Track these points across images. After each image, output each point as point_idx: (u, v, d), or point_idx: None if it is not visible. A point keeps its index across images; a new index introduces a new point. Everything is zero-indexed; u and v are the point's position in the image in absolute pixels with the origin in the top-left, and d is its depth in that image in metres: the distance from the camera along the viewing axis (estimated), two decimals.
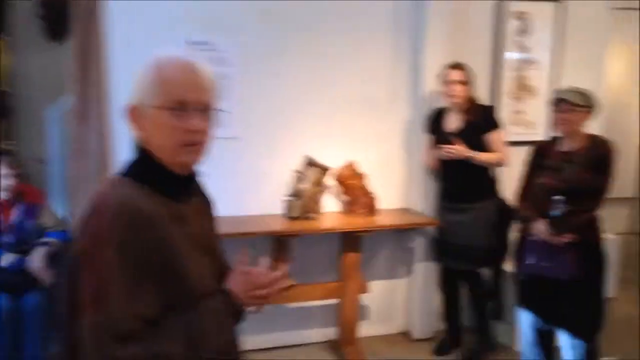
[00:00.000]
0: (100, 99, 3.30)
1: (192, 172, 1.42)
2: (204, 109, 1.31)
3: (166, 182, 1.33)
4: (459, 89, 3.58)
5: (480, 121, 3.61)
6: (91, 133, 3.33)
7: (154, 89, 1.27)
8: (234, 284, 1.37)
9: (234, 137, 3.60)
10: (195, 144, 1.31)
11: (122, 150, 3.43)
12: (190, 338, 1.23)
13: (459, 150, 3.56)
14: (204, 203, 1.52)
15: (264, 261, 1.47)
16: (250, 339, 3.84)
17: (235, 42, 3.59)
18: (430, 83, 3.85)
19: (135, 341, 1.16)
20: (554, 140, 3.16)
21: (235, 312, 1.36)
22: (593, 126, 3.16)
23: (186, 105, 1.28)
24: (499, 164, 3.65)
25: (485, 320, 3.89)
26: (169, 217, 1.30)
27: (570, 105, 2.95)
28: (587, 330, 3.05)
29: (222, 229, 3.30)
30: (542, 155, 3.15)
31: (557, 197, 2.93)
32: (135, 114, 1.32)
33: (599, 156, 2.96)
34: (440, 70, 3.72)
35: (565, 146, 3.06)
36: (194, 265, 1.32)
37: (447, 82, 3.62)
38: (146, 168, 1.33)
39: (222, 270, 1.45)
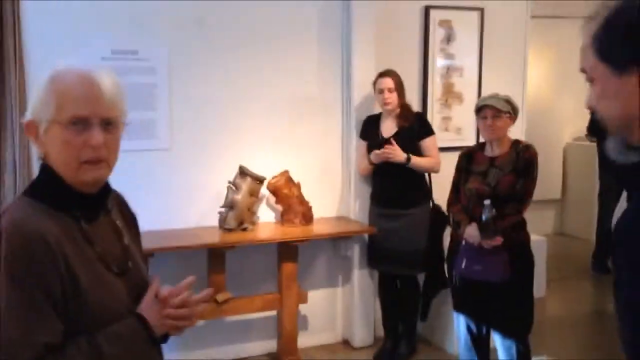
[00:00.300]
0: (19, 109, 3.15)
1: (104, 189, 1.34)
2: (107, 123, 1.26)
3: (70, 201, 1.26)
4: (391, 97, 3.65)
5: (414, 127, 3.69)
6: (7, 144, 3.17)
7: (50, 102, 1.21)
8: (145, 307, 1.30)
9: (164, 149, 3.52)
10: (97, 161, 1.25)
11: None
12: None
13: (395, 151, 3.60)
14: (124, 219, 1.45)
15: (187, 280, 1.41)
16: (187, 354, 3.75)
17: (163, 50, 3.53)
18: (361, 90, 3.90)
19: None
20: (481, 146, 3.25)
21: (147, 337, 1.28)
22: (517, 131, 3.29)
23: (84, 120, 1.22)
24: (433, 169, 3.72)
25: (415, 324, 3.94)
26: (72, 238, 1.23)
27: (495, 111, 3.04)
28: (519, 330, 3.13)
29: (155, 243, 3.28)
30: (470, 161, 3.22)
31: (485, 202, 3.00)
32: (33, 129, 1.25)
33: (522, 161, 3.05)
34: (373, 78, 3.79)
35: (491, 152, 3.15)
36: (102, 287, 1.25)
37: (379, 90, 3.68)
38: (48, 187, 1.26)
39: (142, 290, 1.36)
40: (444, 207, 3.91)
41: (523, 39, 4.41)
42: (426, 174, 3.81)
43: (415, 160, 3.64)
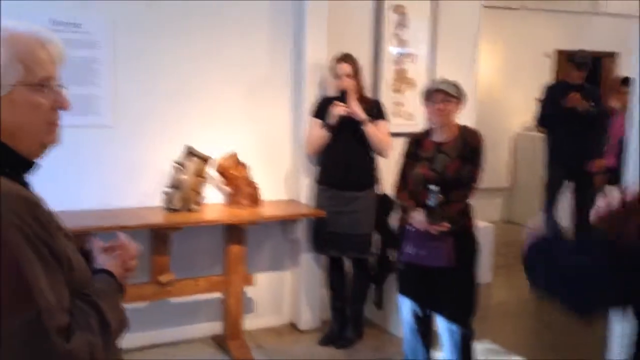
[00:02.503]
0: None
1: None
2: (61, 85, 1.25)
3: (22, 170, 1.21)
4: (348, 82, 3.63)
5: (368, 112, 3.68)
6: None
7: (14, 65, 1.16)
8: (105, 263, 1.34)
9: (107, 126, 3.42)
10: (57, 124, 1.25)
11: None
12: (99, 323, 1.16)
13: (354, 107, 3.57)
14: None
15: (121, 235, 1.46)
16: (130, 337, 3.67)
17: (106, 24, 3.41)
18: (312, 72, 3.88)
19: (71, 332, 1.07)
20: (428, 131, 3.24)
21: (119, 288, 1.33)
22: (467, 120, 3.30)
23: (50, 81, 1.21)
24: (384, 148, 3.72)
25: (363, 308, 3.97)
26: None
27: (445, 95, 3.04)
28: (462, 315, 3.17)
29: (96, 222, 3.20)
30: (417, 146, 3.22)
31: (432, 187, 3.01)
32: None
33: (469, 147, 3.07)
34: (325, 61, 3.77)
35: (438, 137, 3.14)
36: (75, 252, 1.25)
37: (336, 75, 3.66)
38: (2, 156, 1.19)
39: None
40: (391, 192, 3.95)
41: (475, 27, 4.44)
42: (374, 158, 3.81)
43: (372, 127, 3.62)
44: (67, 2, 3.31)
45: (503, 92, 6.75)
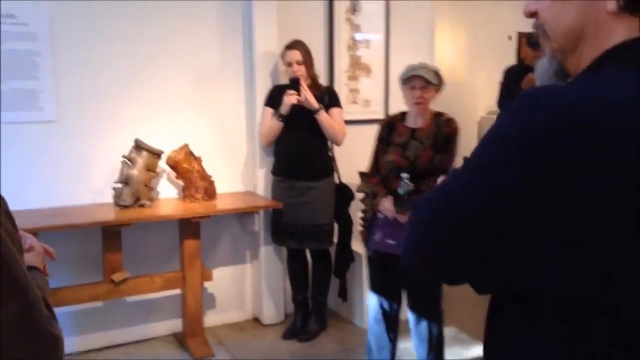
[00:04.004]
0: None
1: None
2: None
3: None
4: (299, 69, 3.56)
5: (323, 98, 3.61)
6: None
7: None
8: (34, 260, 1.34)
9: (49, 121, 3.30)
10: None
11: None
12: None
13: (306, 95, 3.50)
14: None
15: (30, 237, 1.41)
16: (87, 337, 3.59)
17: (42, 14, 3.28)
18: (264, 60, 3.80)
19: (53, 319, 1.12)
20: (402, 115, 3.13)
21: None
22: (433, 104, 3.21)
23: None
24: (337, 136, 3.65)
25: (325, 299, 3.92)
26: None
27: (424, 82, 2.95)
28: (430, 305, 3.09)
29: (41, 221, 3.09)
30: (390, 130, 3.12)
31: (403, 175, 2.93)
32: None
33: (443, 134, 2.98)
34: (276, 48, 3.70)
35: (412, 122, 3.05)
36: None
37: (287, 63, 3.59)
38: None
39: None
40: (350, 182, 3.89)
41: (430, 11, 4.39)
42: (330, 147, 3.75)
43: (325, 115, 3.56)
44: None
45: (466, 76, 6.73)
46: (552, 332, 0.77)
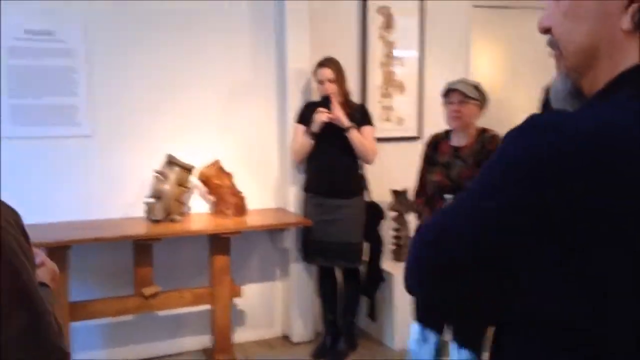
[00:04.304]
0: None
1: None
2: None
3: None
4: (330, 87, 3.55)
5: (354, 117, 3.59)
6: None
7: None
8: (45, 277, 1.33)
9: (85, 136, 3.37)
10: None
11: None
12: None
13: (337, 113, 3.48)
14: None
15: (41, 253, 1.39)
16: (117, 350, 3.62)
17: (81, 32, 3.37)
18: (296, 77, 3.80)
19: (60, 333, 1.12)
20: (447, 133, 3.07)
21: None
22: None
23: None
24: (368, 154, 3.62)
25: (355, 320, 3.86)
26: None
27: (462, 96, 2.90)
28: (473, 333, 2.94)
29: (73, 234, 3.14)
30: (435, 149, 3.07)
31: (446, 196, 2.85)
32: None
33: (486, 151, 2.87)
34: (308, 64, 3.70)
35: (456, 140, 2.99)
36: None
37: (319, 81, 3.59)
38: None
39: None
40: (381, 200, 3.85)
41: (466, 27, 4.34)
42: (360, 165, 3.72)
43: (356, 133, 3.53)
44: (40, 10, 3.28)
45: (506, 93, 6.60)
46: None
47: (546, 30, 0.85)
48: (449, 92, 2.96)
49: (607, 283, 0.69)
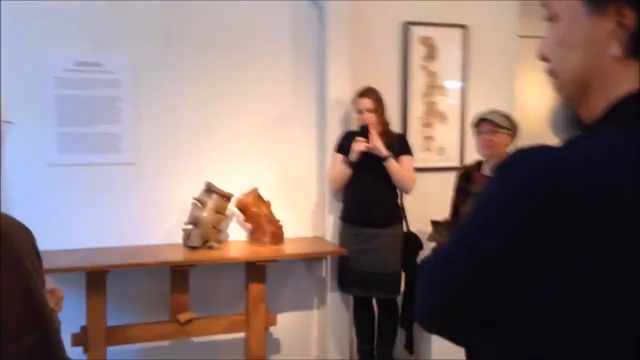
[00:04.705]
0: None
1: None
2: None
3: None
4: (369, 116, 3.55)
5: (393, 147, 3.57)
6: None
7: None
8: (50, 301, 1.36)
9: (129, 163, 3.46)
10: None
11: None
12: None
13: (375, 142, 3.47)
14: None
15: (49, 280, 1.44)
16: None
17: (127, 62, 3.48)
18: (336, 107, 3.81)
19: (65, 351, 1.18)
20: (478, 164, 3.09)
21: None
22: None
23: None
24: (407, 184, 3.58)
25: (391, 352, 3.78)
26: None
27: (493, 126, 2.91)
28: None
29: (112, 260, 3.21)
30: (467, 180, 3.08)
31: None
32: None
33: None
34: (349, 95, 3.71)
35: (489, 170, 2.99)
36: None
37: (358, 110, 3.59)
38: None
39: None
40: (420, 230, 3.79)
41: (510, 58, 4.26)
42: (399, 194, 3.68)
43: (394, 162, 3.51)
44: (89, 42, 3.40)
45: (545, 124, 6.45)
46: None
47: (544, 59, 0.84)
48: (480, 122, 2.99)
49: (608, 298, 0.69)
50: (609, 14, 0.75)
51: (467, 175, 3.10)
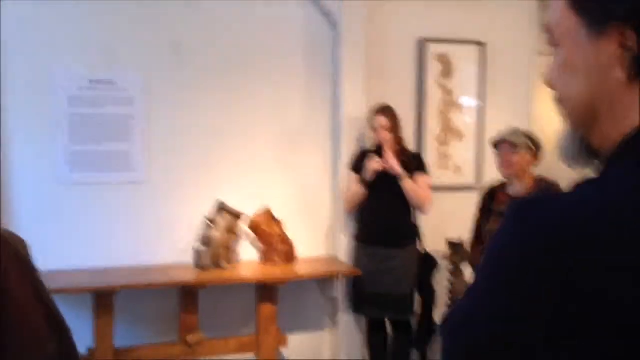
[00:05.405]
0: None
1: None
2: None
3: None
4: (384, 135, 3.49)
5: (408, 165, 3.50)
6: None
7: None
8: None
9: (139, 181, 3.42)
10: None
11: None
12: None
13: (390, 161, 3.41)
14: None
15: None
16: None
17: (140, 79, 3.46)
18: (351, 125, 3.75)
19: None
20: (503, 184, 3.07)
21: None
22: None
23: None
24: (424, 203, 3.51)
25: None
26: None
27: (511, 146, 2.89)
28: None
29: (122, 279, 3.16)
30: (491, 199, 3.07)
31: None
32: None
33: None
34: (363, 112, 3.65)
35: (512, 190, 2.97)
36: None
37: (374, 128, 3.53)
38: None
39: None
40: (435, 250, 3.71)
41: (528, 76, 4.17)
42: (415, 214, 3.60)
43: (409, 182, 3.44)
44: (103, 60, 3.38)
45: None
46: None
47: (551, 86, 0.79)
48: (498, 143, 2.98)
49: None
50: (610, 36, 0.70)
51: (491, 195, 3.09)
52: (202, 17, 3.58)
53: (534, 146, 2.93)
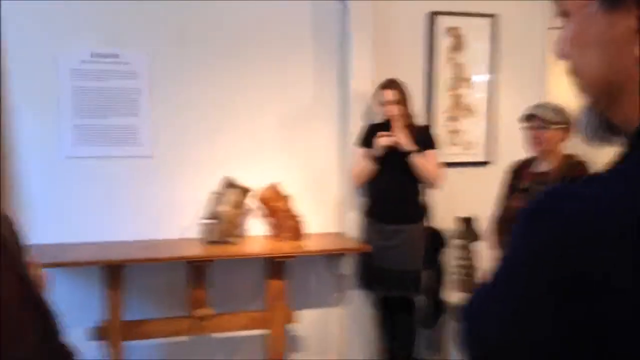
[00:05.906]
0: None
1: None
2: None
3: None
4: (394, 109, 3.43)
5: (417, 140, 3.45)
6: None
7: None
8: None
9: (145, 156, 3.41)
10: None
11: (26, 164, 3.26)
12: None
13: (399, 137, 3.37)
14: None
15: None
16: None
17: (145, 54, 3.43)
18: (359, 100, 3.70)
19: None
20: (530, 160, 2.97)
21: None
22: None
23: None
24: (434, 179, 3.47)
25: (411, 352, 3.67)
26: None
27: (542, 121, 2.78)
28: None
29: (127, 254, 3.17)
30: (515, 175, 2.98)
31: None
32: None
33: (571, 179, 2.70)
34: (372, 87, 3.60)
35: (540, 167, 2.88)
36: None
37: (381, 103, 3.47)
38: None
39: None
40: (445, 227, 3.68)
41: (541, 49, 4.09)
42: (424, 190, 3.56)
43: (419, 157, 3.40)
44: (106, 34, 3.36)
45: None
46: None
47: (563, 56, 0.73)
48: (529, 118, 2.84)
49: None
50: (627, 8, 0.64)
51: (517, 170, 2.99)
52: None
53: (565, 121, 2.80)
